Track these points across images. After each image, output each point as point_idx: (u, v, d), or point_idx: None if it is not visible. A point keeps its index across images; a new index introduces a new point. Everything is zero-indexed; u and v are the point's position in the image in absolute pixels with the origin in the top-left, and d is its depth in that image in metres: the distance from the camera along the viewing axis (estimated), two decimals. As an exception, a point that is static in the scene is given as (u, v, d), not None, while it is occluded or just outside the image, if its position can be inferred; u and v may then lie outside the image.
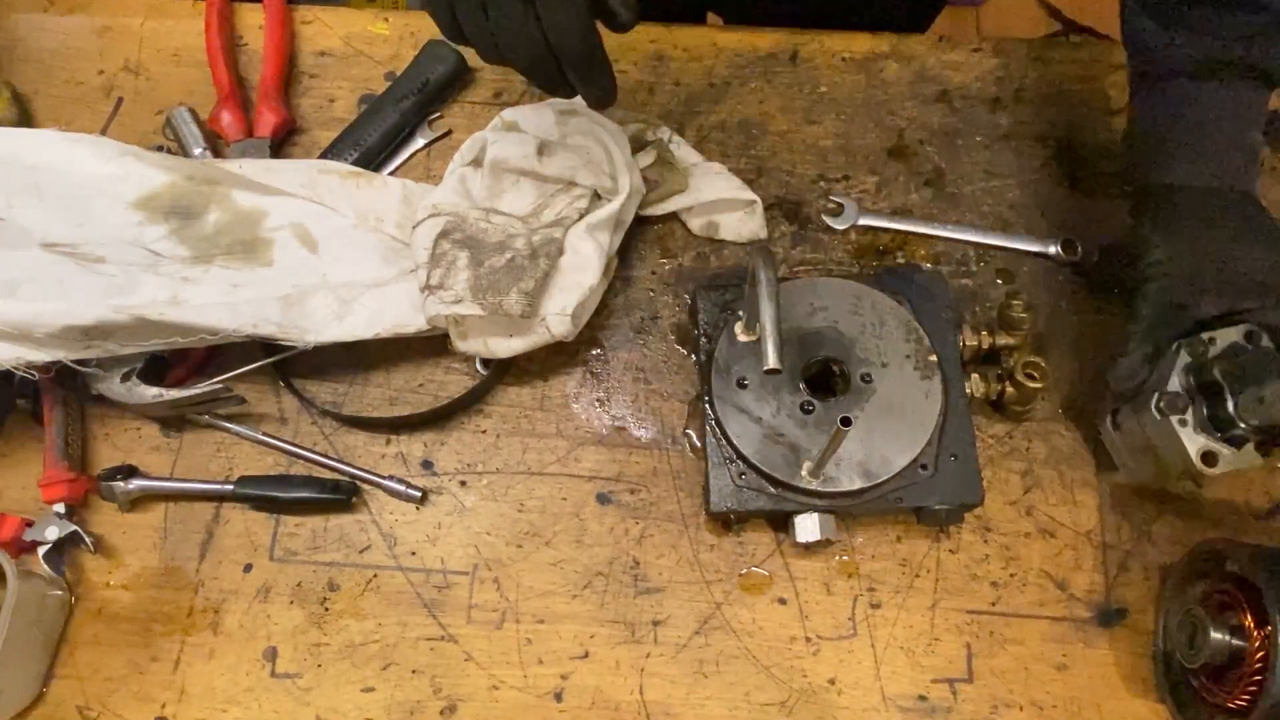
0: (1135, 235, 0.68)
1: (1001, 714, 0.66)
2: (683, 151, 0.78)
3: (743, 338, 0.67)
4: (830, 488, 0.65)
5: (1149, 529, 0.70)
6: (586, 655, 0.68)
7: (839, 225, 0.78)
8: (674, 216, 0.78)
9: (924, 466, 0.67)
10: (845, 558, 0.70)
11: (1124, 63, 0.83)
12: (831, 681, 0.67)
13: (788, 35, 0.84)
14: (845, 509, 0.67)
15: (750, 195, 0.76)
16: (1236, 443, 0.62)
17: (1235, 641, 0.61)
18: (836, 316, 0.70)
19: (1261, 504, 0.71)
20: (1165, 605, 0.67)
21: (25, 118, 0.82)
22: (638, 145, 0.77)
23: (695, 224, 0.78)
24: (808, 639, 0.68)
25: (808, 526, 0.66)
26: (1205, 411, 0.62)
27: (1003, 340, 0.70)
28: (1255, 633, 0.60)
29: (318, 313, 0.69)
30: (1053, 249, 0.77)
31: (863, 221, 0.78)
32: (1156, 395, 0.63)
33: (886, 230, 0.78)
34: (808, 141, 0.81)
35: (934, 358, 0.69)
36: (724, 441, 0.67)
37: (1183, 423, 0.62)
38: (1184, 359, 0.63)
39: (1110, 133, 0.81)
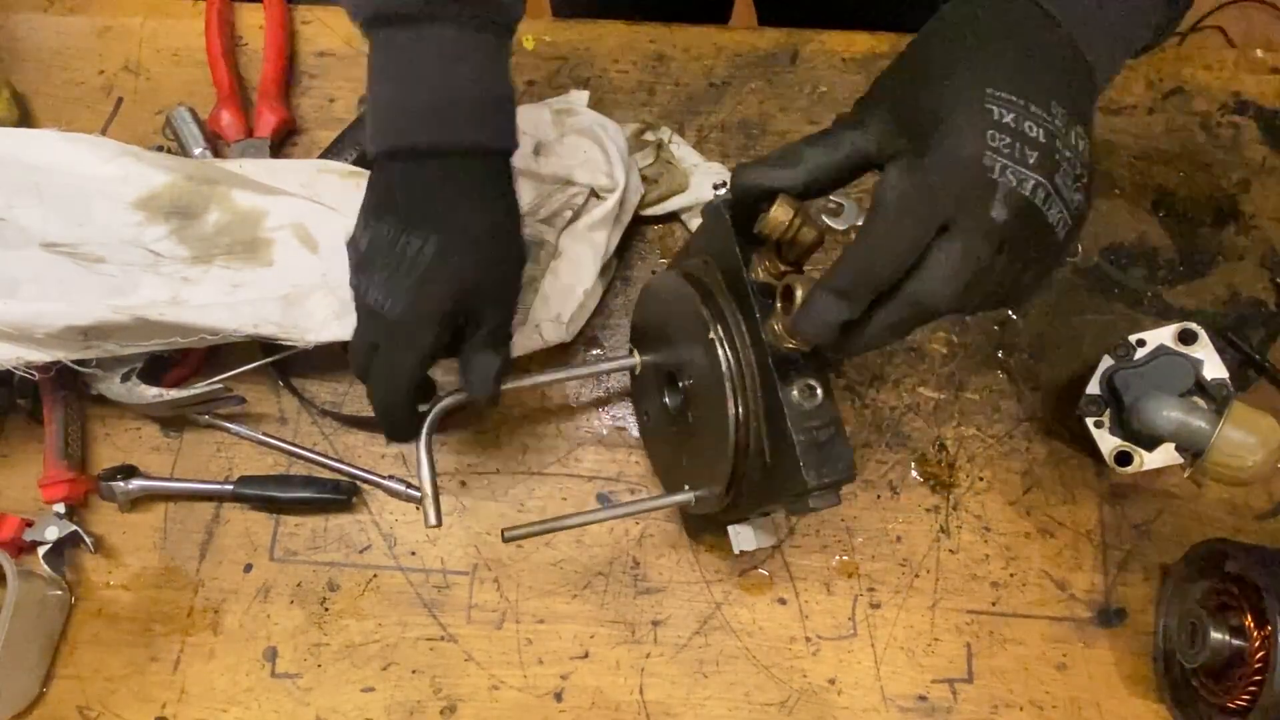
0: None
1: (1001, 714, 0.66)
2: (683, 151, 0.78)
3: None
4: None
5: (1149, 529, 0.70)
6: (586, 655, 0.68)
7: (839, 225, 0.77)
8: (674, 216, 0.78)
9: (761, 455, 0.54)
10: (845, 558, 0.70)
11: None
12: (831, 681, 0.67)
13: (788, 35, 0.84)
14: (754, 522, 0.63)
15: None
16: (1149, 444, 0.64)
17: (1235, 641, 0.61)
18: (665, 316, 0.61)
19: (1261, 504, 0.71)
20: (1165, 605, 0.67)
21: (25, 118, 0.82)
22: (637, 145, 0.77)
23: (696, 224, 0.78)
24: (808, 639, 0.68)
25: (744, 536, 0.62)
26: (1118, 414, 0.64)
27: (800, 254, 0.54)
28: (1255, 633, 0.60)
29: (318, 312, 0.69)
30: (1053, 249, 0.77)
31: (863, 222, 0.78)
32: (1082, 397, 0.65)
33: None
34: (808, 141, 0.81)
35: (712, 333, 0.54)
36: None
37: (1099, 424, 0.65)
38: (1106, 362, 0.64)
39: (1110, 133, 0.81)
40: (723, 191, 0.54)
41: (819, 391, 0.52)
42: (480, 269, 0.55)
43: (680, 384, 0.61)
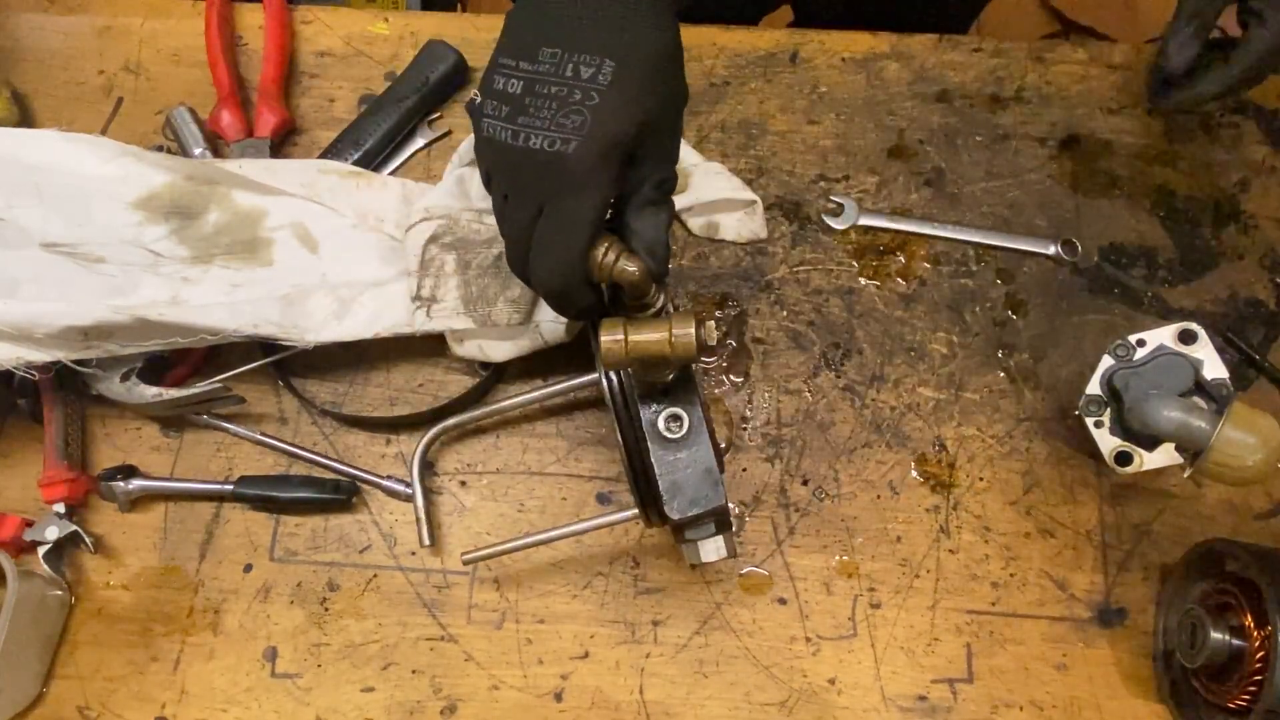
0: None
1: (1001, 714, 0.66)
2: (683, 151, 0.78)
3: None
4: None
5: (1149, 529, 0.70)
6: (586, 655, 0.68)
7: (839, 225, 0.78)
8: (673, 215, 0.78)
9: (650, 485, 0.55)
10: (845, 558, 0.70)
11: (1122, 63, 0.83)
12: (831, 681, 0.67)
13: (788, 35, 0.84)
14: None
15: (750, 195, 0.76)
16: (1149, 444, 0.64)
17: (1235, 641, 0.61)
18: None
19: (1261, 504, 0.71)
20: (1165, 605, 0.67)
21: (25, 118, 0.82)
22: None
23: (695, 224, 0.78)
24: (808, 639, 0.68)
25: (696, 549, 0.57)
26: (1118, 414, 0.65)
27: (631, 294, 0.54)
28: (1255, 633, 0.60)
29: (317, 313, 0.69)
30: (1053, 249, 0.77)
31: (863, 221, 0.78)
32: (1082, 397, 0.65)
33: (886, 230, 0.78)
34: (808, 141, 0.81)
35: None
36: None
37: (1099, 424, 0.65)
38: (1106, 362, 0.64)
39: (1110, 133, 0.81)
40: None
41: (686, 422, 0.52)
42: (658, 98, 0.49)
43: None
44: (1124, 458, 0.64)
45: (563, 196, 0.49)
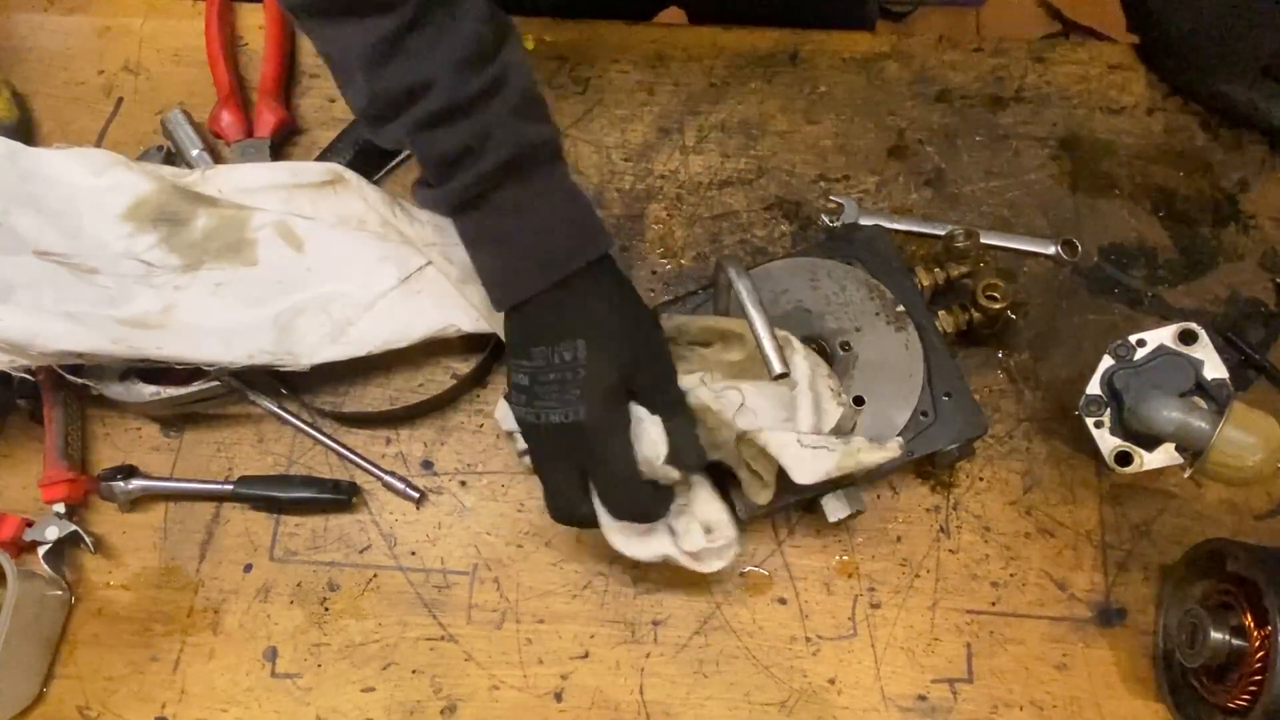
0: None
1: (1001, 714, 0.66)
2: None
3: None
4: None
5: (1149, 529, 0.70)
6: (586, 655, 0.68)
7: (836, 224, 0.78)
8: (674, 216, 0.78)
9: (924, 414, 0.67)
10: (845, 558, 0.70)
11: (1122, 63, 0.83)
12: (831, 681, 0.67)
13: (788, 35, 0.84)
14: (866, 477, 0.67)
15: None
16: (1149, 444, 0.64)
17: (1235, 641, 0.61)
18: (799, 295, 0.70)
19: (1261, 504, 0.71)
20: (1165, 605, 0.67)
21: (25, 118, 0.82)
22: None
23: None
24: (808, 639, 0.68)
25: (835, 507, 0.65)
26: (1118, 414, 0.65)
27: (955, 271, 0.72)
28: (1255, 633, 0.60)
29: (310, 335, 0.69)
30: (1053, 249, 0.77)
31: (863, 221, 0.78)
32: (1082, 397, 0.65)
33: (886, 230, 0.78)
34: (808, 141, 0.81)
35: (901, 308, 0.69)
36: None
37: (1099, 424, 0.65)
38: (1107, 362, 0.64)
39: (1110, 133, 0.81)
40: None
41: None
42: (626, 341, 0.61)
43: (830, 352, 0.68)
44: (1124, 458, 0.64)
45: (596, 452, 0.59)
